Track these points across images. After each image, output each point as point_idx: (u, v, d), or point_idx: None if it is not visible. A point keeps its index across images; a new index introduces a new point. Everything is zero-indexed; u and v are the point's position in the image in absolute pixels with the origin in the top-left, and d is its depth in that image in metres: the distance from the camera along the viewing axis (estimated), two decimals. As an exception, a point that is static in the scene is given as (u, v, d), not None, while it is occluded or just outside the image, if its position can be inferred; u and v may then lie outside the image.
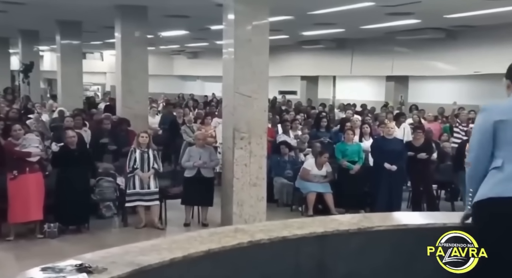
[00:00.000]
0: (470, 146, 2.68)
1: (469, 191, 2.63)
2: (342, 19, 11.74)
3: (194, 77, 25.64)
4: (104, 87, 26.11)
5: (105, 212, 7.38)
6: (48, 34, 13.75)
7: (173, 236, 2.95)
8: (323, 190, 7.76)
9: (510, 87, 2.66)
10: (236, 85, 6.66)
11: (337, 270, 2.79)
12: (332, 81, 19.91)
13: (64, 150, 6.80)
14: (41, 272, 2.08)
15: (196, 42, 18.47)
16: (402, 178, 7.78)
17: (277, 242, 2.65)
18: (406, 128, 9.70)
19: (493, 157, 2.55)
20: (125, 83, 9.79)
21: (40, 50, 19.54)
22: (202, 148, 7.31)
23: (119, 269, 2.14)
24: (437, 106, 13.02)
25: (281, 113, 12.20)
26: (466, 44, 13.00)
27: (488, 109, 2.62)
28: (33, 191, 6.33)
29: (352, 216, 3.39)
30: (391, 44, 14.71)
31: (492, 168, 2.54)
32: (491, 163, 2.56)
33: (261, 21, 6.77)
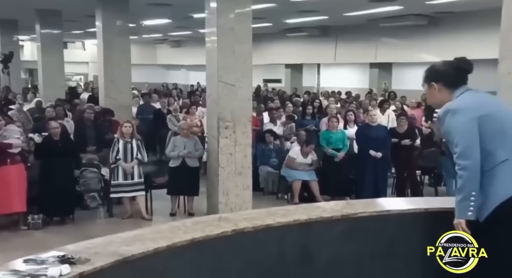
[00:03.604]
0: (462, 149, 2.50)
1: (471, 194, 2.46)
2: (325, 6, 11.72)
3: (178, 67, 25.45)
4: (87, 77, 25.77)
5: (90, 203, 7.34)
6: (28, 23, 13.52)
7: (159, 225, 2.94)
8: (308, 177, 7.79)
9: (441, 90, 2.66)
10: (219, 74, 6.62)
11: (321, 256, 2.81)
12: (317, 69, 19.93)
13: (47, 141, 6.72)
14: (23, 264, 2.07)
15: (179, 30, 18.30)
16: (387, 164, 7.84)
17: (261, 230, 2.66)
18: (390, 115, 9.76)
19: (488, 153, 2.48)
20: (108, 73, 9.68)
21: (20, 40, 19.20)
22: (186, 138, 7.29)
23: (102, 259, 2.13)
24: (421, 92, 13.04)
25: (266, 101, 12.18)
26: (448, 31, 13.10)
27: (463, 109, 2.55)
28: (15, 183, 6.24)
29: (336, 203, 3.42)
30: (374, 31, 14.74)
31: (498, 163, 2.46)
32: (489, 160, 2.48)
33: (244, 9, 6.71)
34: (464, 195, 2.49)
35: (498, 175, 2.46)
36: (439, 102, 2.69)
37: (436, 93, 2.70)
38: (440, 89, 2.68)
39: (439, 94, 2.69)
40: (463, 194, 2.49)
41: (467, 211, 2.48)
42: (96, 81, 15.80)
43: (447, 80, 2.67)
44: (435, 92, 2.70)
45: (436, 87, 2.69)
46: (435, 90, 2.70)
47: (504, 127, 2.54)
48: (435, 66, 2.75)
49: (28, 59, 22.30)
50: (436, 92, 2.70)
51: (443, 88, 2.68)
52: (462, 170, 2.49)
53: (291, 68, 19.66)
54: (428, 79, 2.73)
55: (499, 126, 2.53)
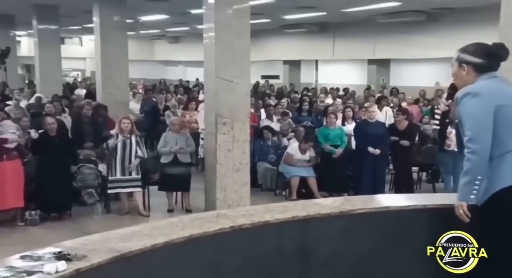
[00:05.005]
0: (473, 133, 2.49)
1: (476, 179, 2.48)
2: (324, 2, 11.70)
3: (176, 62, 25.39)
4: (84, 73, 25.70)
5: (87, 199, 7.32)
6: (25, 18, 13.44)
7: (157, 222, 2.93)
8: (306, 174, 7.78)
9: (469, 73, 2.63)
10: (217, 70, 6.60)
11: (319, 253, 2.81)
12: (315, 65, 19.91)
13: (44, 137, 6.69)
14: (20, 260, 2.06)
15: (177, 26, 18.25)
16: (385, 160, 7.84)
17: (259, 227, 2.65)
18: (388, 112, 9.76)
19: (500, 141, 2.47)
20: (105, 69, 9.64)
21: (17, 35, 19.13)
22: (178, 134, 7.26)
23: (99, 256, 2.12)
24: (419, 89, 13.10)
25: (264, 98, 12.16)
26: (447, 27, 13.08)
27: (483, 94, 2.53)
28: (11, 178, 6.22)
29: (334, 199, 3.42)
30: (372, 28, 14.72)
31: (508, 152, 2.46)
32: (499, 148, 2.48)
33: (242, 5, 6.68)
34: (469, 178, 2.50)
35: (505, 163, 2.47)
36: (464, 84, 2.66)
37: (464, 75, 2.66)
38: (469, 71, 2.65)
39: (466, 76, 2.66)
40: (469, 178, 2.50)
41: (469, 194, 2.49)
42: (93, 77, 15.76)
43: (477, 65, 2.63)
44: (462, 74, 2.67)
45: (465, 69, 2.65)
46: (463, 71, 2.66)
47: None
48: (468, 47, 2.69)
49: (25, 54, 22.20)
50: (463, 74, 2.66)
51: (472, 71, 2.64)
52: (471, 153, 2.49)
53: (289, 64, 19.63)
54: (459, 60, 2.68)
55: None
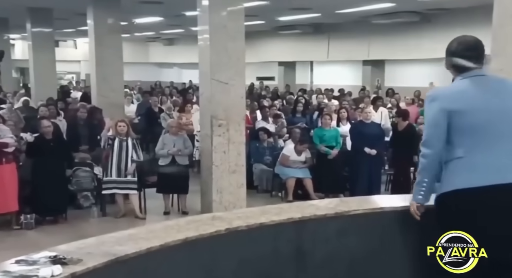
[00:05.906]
0: (427, 138, 2.56)
1: (423, 181, 2.60)
2: (318, 4, 11.72)
3: (170, 65, 25.37)
4: (79, 76, 25.64)
5: (83, 202, 7.31)
6: (19, 21, 13.41)
7: (152, 225, 2.92)
8: (302, 175, 7.79)
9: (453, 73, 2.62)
10: (212, 72, 6.59)
11: (315, 254, 2.81)
12: (310, 66, 19.94)
13: (39, 140, 6.67)
14: (15, 265, 2.05)
15: (172, 28, 18.23)
16: (381, 161, 7.85)
17: (255, 229, 2.65)
18: (383, 112, 9.77)
19: (451, 146, 2.50)
20: (100, 72, 9.62)
21: (11, 39, 19.07)
22: (175, 136, 7.26)
23: (94, 259, 2.11)
24: (414, 89, 13.14)
25: (259, 99, 12.17)
26: (441, 27, 13.10)
27: (440, 98, 2.53)
28: (8, 182, 6.21)
29: (329, 200, 3.41)
30: (367, 29, 14.75)
31: (454, 158, 2.49)
32: (449, 153, 2.51)
33: (236, 7, 6.69)
34: (418, 179, 2.66)
35: (449, 169, 2.53)
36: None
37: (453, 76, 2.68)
38: (453, 71, 2.64)
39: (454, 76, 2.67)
40: (418, 179, 2.67)
41: (418, 195, 2.65)
42: (88, 79, 15.72)
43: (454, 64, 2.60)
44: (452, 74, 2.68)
45: (451, 69, 2.65)
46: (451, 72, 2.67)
47: (476, 126, 2.46)
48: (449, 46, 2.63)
49: (20, 58, 22.14)
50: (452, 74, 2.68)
51: (453, 71, 2.64)
52: (421, 156, 2.61)
53: (284, 65, 19.65)
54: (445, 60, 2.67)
55: (470, 124, 2.46)
